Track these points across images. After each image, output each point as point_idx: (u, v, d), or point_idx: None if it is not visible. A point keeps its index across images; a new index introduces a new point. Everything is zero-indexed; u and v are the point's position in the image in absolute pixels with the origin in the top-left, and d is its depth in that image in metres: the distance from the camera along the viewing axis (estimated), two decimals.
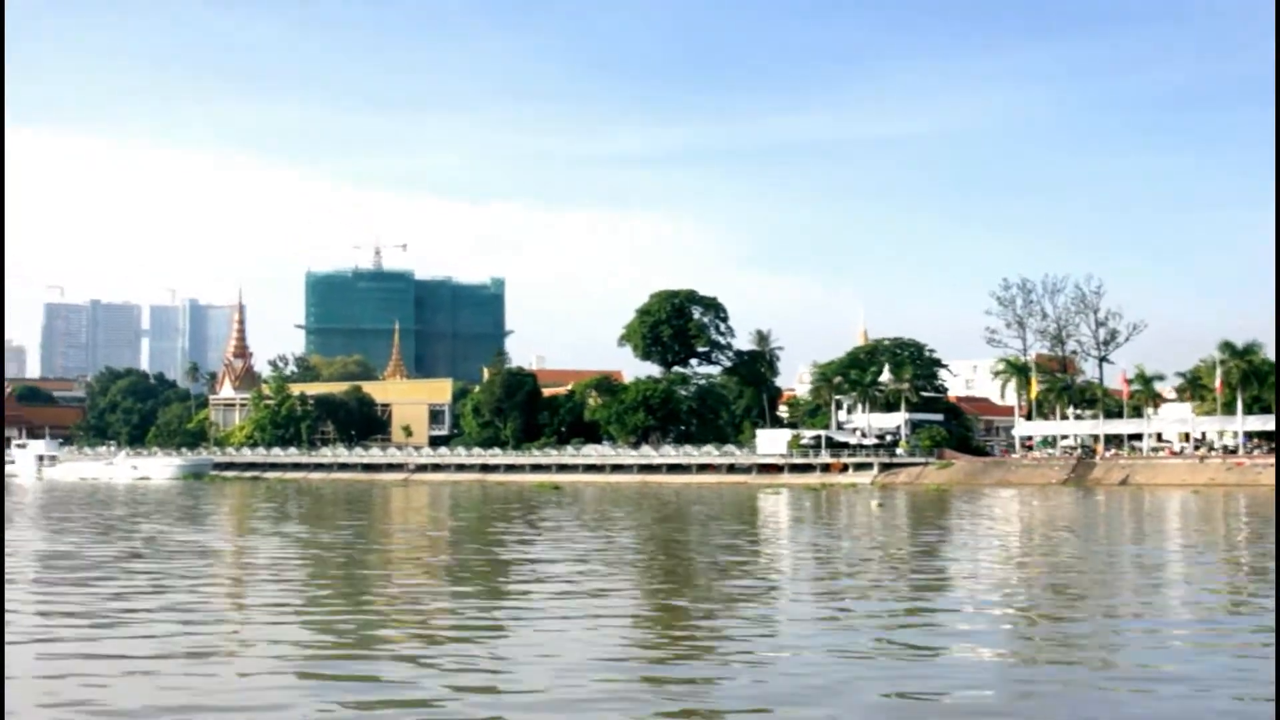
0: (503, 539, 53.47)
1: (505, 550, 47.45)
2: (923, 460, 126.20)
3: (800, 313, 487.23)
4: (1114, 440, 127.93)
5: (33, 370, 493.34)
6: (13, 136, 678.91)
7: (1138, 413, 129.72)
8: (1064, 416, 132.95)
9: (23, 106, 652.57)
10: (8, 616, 25.89)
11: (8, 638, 23.16)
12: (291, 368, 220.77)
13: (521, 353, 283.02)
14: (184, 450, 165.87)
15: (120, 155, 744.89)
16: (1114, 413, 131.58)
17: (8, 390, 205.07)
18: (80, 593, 32.67)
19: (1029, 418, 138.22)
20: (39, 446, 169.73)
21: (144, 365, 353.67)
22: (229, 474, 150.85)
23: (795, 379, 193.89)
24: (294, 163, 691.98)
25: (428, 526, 64.52)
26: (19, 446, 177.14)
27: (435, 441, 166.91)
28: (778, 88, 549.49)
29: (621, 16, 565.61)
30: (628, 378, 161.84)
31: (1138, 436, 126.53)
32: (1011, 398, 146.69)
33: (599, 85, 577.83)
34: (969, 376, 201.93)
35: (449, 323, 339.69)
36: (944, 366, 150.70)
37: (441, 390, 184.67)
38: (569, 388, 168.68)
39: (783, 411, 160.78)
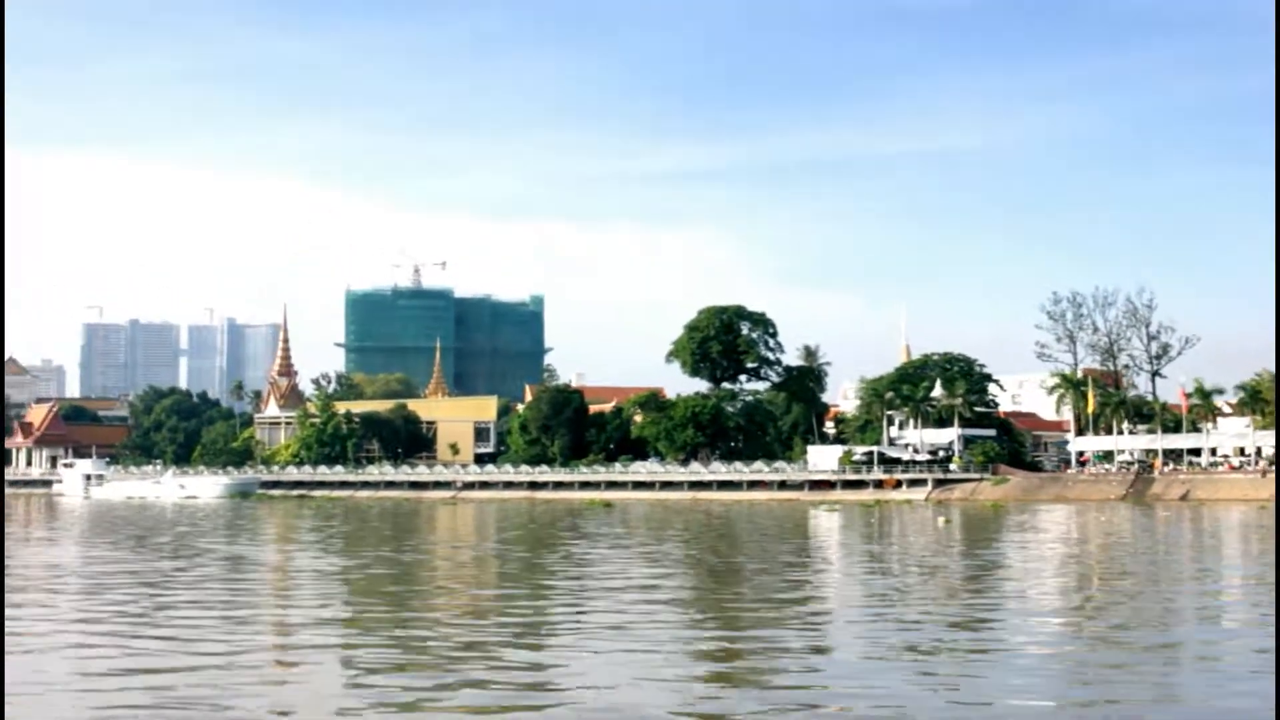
0: (575, 556, 52.60)
1: (577, 571, 46.60)
2: (977, 476, 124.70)
3: (839, 329, 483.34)
4: (1171, 455, 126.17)
5: (72, 389, 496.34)
6: (55, 159, 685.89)
7: (1194, 427, 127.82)
8: (1119, 431, 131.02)
9: (66, 129, 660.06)
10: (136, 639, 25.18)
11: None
12: (334, 386, 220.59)
13: (561, 370, 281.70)
14: (229, 469, 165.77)
15: (159, 176, 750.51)
16: (1170, 427, 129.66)
17: (53, 409, 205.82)
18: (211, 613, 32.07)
19: (1080, 433, 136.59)
20: (86, 466, 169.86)
21: (182, 384, 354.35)
22: (276, 493, 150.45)
23: (839, 395, 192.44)
24: (334, 183, 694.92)
25: (488, 548, 63.59)
26: (66, 466, 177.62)
27: (480, 459, 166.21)
28: (816, 103, 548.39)
29: (658, 36, 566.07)
30: (670, 394, 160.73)
31: (1195, 451, 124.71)
32: (1065, 412, 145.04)
33: (637, 104, 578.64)
34: (1014, 391, 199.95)
35: (488, 340, 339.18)
36: (994, 381, 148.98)
37: (486, 408, 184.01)
38: (612, 404, 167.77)
39: (829, 428, 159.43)
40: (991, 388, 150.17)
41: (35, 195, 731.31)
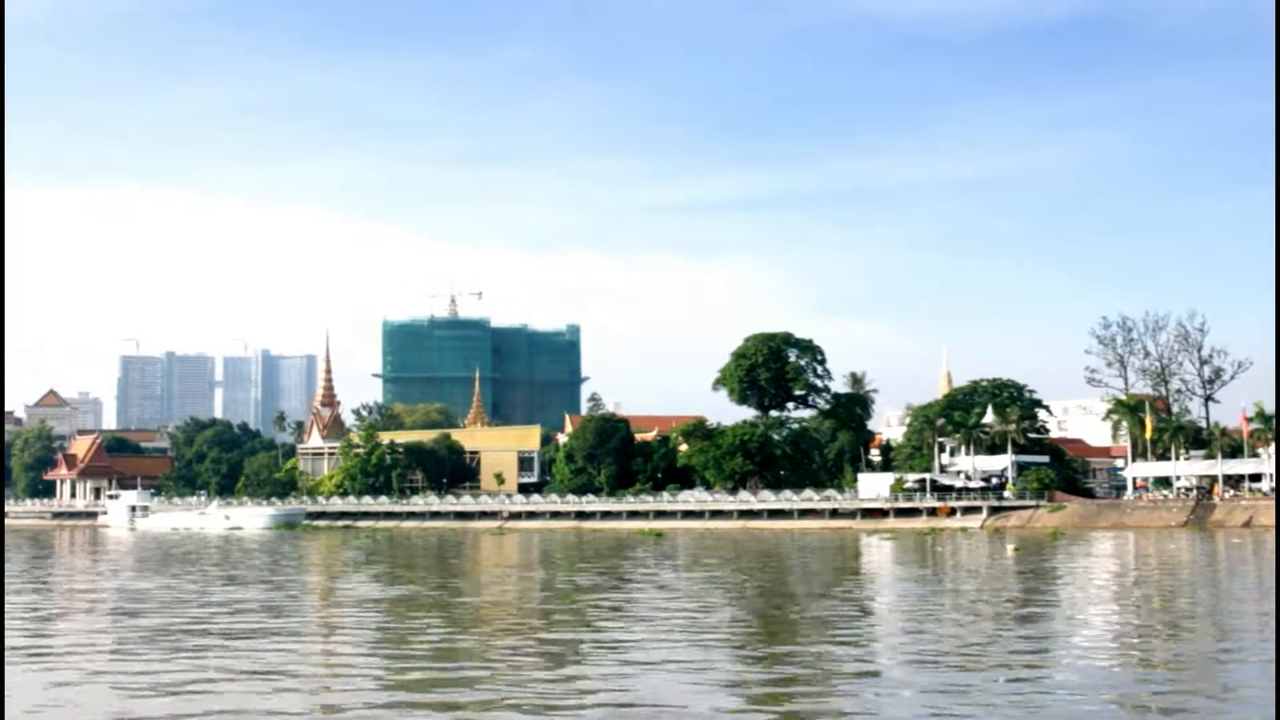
0: (658, 591, 51.61)
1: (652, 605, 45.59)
2: (1033, 503, 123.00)
3: (875, 357, 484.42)
4: (1230, 481, 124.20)
5: (109, 421, 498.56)
6: (93, 193, 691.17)
7: (1254, 452, 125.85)
8: (1177, 457, 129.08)
9: (105, 163, 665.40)
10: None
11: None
12: (374, 416, 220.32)
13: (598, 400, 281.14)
14: (274, 499, 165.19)
15: (196, 208, 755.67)
16: (1228, 452, 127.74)
17: (97, 441, 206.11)
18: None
19: (1129, 458, 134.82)
20: (131, 497, 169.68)
21: (217, 415, 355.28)
22: (321, 523, 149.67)
23: (881, 422, 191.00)
24: (370, 215, 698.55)
25: (564, 579, 62.51)
26: (111, 497, 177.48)
27: (524, 488, 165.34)
28: (853, 132, 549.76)
29: (695, 66, 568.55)
30: (710, 422, 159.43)
31: (1256, 477, 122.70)
32: (1117, 438, 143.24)
33: (673, 134, 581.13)
34: (1059, 418, 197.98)
35: (525, 370, 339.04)
36: (1044, 407, 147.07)
37: (530, 437, 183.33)
38: (654, 433, 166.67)
39: (873, 455, 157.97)
40: (1041, 414, 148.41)
41: (74, 229, 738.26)
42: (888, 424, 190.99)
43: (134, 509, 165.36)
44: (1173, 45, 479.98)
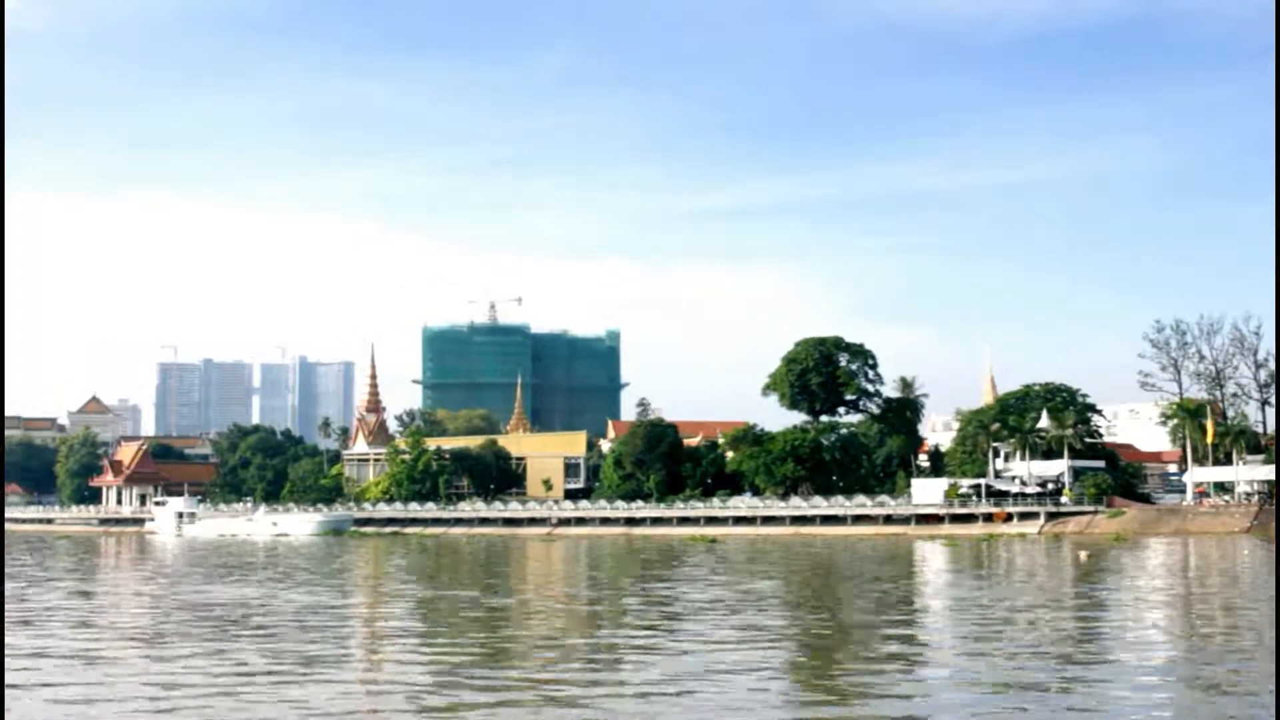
0: (727, 598, 50.59)
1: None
2: (1091, 509, 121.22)
3: (914, 362, 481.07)
4: None
5: (147, 428, 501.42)
6: (131, 201, 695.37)
7: None
8: (1238, 461, 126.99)
9: (142, 171, 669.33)
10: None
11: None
12: (418, 422, 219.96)
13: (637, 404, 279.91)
14: (319, 506, 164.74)
15: (235, 216, 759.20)
16: None
17: (143, 448, 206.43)
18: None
19: (1188, 463, 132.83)
20: (178, 504, 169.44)
21: (255, 422, 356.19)
22: (368, 530, 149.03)
23: (927, 428, 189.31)
24: (408, 222, 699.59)
25: (634, 589, 61.52)
26: (157, 504, 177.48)
27: (570, 494, 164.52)
28: (889, 139, 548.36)
29: (731, 74, 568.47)
30: (755, 428, 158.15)
31: None
32: (1156, 441, 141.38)
33: (709, 142, 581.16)
34: (1108, 423, 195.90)
35: (565, 376, 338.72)
36: (1098, 412, 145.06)
37: (576, 443, 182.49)
38: (699, 438, 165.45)
39: (921, 460, 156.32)
40: (1095, 418, 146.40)
41: (112, 237, 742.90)
42: (933, 429, 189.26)
43: (181, 515, 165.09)
44: (1208, 50, 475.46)
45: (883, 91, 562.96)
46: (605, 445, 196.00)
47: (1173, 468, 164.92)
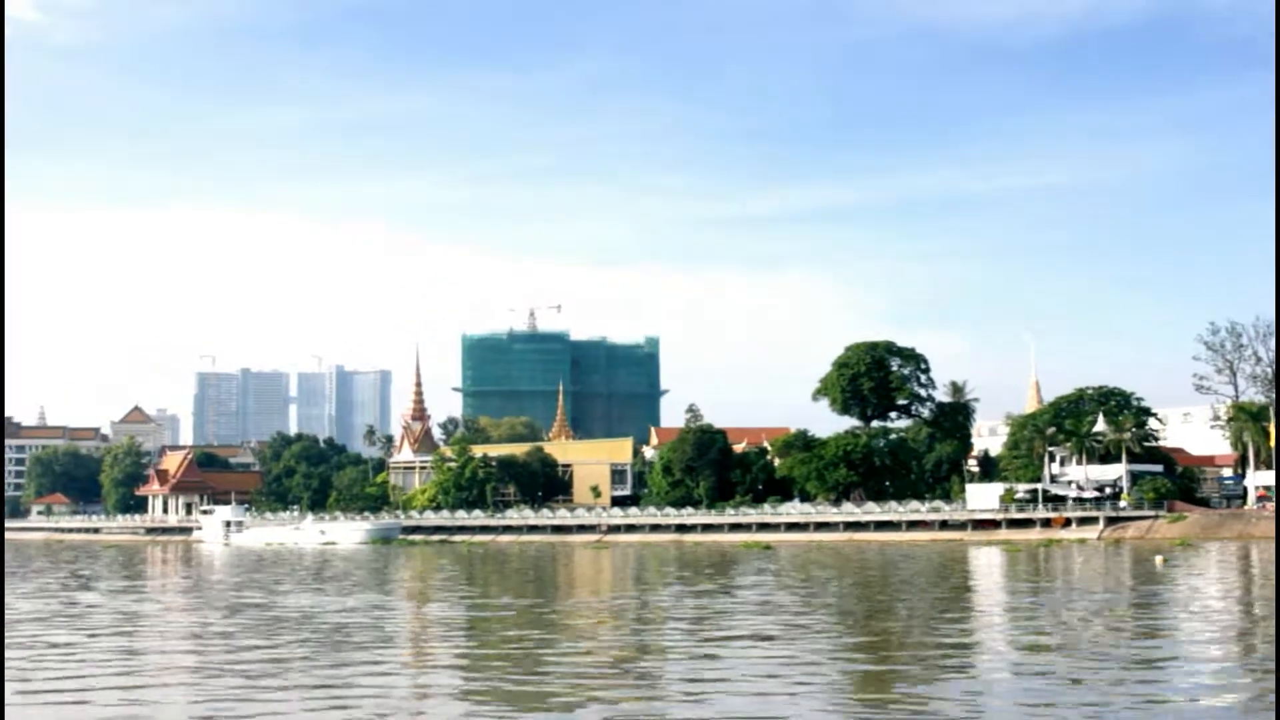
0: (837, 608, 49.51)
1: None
2: (1151, 514, 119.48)
3: (948, 368, 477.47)
4: None
5: (185, 437, 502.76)
6: (172, 212, 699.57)
7: None
8: None
9: (181, 183, 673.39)
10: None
11: None
12: (461, 429, 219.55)
13: (678, 412, 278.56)
14: (366, 514, 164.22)
15: (271, 227, 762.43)
16: None
17: (188, 456, 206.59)
18: None
19: (1249, 467, 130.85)
20: (225, 512, 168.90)
21: (292, 430, 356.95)
22: (416, 538, 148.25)
23: (973, 432, 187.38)
24: (444, 232, 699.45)
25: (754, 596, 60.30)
26: (204, 513, 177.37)
27: (616, 501, 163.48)
28: (922, 144, 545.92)
29: (764, 80, 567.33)
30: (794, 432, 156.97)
31: None
32: (1206, 445, 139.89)
33: (743, 149, 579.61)
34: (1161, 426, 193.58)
35: (604, 383, 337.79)
36: (1153, 415, 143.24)
37: (621, 450, 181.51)
38: (742, 445, 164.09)
39: (969, 465, 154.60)
40: (1151, 422, 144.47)
41: (152, 248, 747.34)
42: (978, 434, 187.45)
43: (229, 524, 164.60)
44: (1240, 50, 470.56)
45: (915, 96, 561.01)
46: (648, 452, 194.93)
47: (1226, 471, 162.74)
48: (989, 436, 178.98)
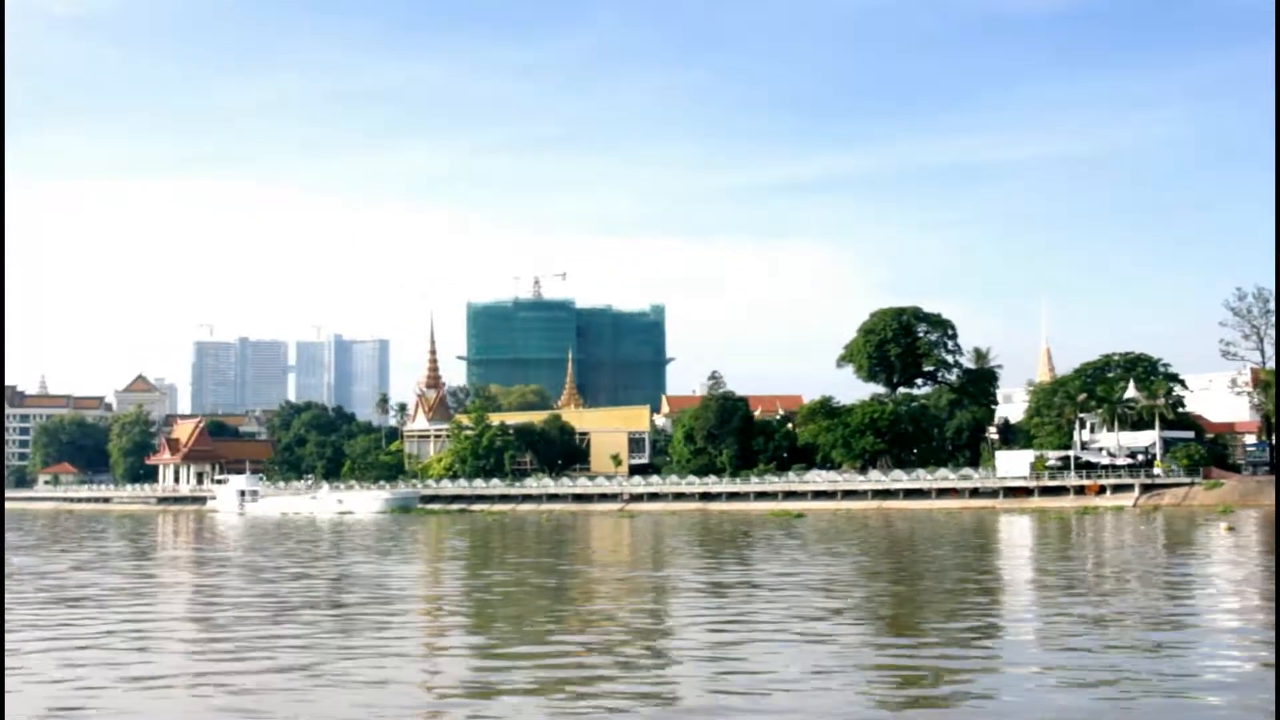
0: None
1: None
2: (1187, 480, 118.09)
3: (960, 335, 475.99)
4: None
5: (183, 406, 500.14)
6: (170, 182, 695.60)
7: None
8: None
9: (179, 153, 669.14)
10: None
11: None
12: (471, 398, 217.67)
13: (684, 380, 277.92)
14: (382, 483, 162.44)
15: (272, 197, 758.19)
16: None
17: (200, 425, 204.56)
18: None
19: (1263, 432, 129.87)
20: (240, 482, 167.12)
21: (290, 399, 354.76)
22: (434, 506, 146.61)
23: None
24: (449, 201, 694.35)
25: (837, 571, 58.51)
26: (218, 482, 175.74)
27: (634, 469, 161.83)
28: (930, 113, 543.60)
29: (773, 49, 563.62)
30: (809, 399, 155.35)
31: None
32: (1227, 412, 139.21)
33: (750, 118, 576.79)
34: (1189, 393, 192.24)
35: (610, 351, 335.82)
36: (1180, 382, 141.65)
37: (639, 418, 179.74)
38: (757, 412, 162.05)
39: (990, 432, 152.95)
40: (1177, 388, 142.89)
41: (150, 218, 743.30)
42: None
43: (243, 494, 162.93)
44: (1262, 13, 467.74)
45: (926, 65, 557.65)
46: (659, 420, 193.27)
47: (1249, 438, 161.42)
48: (1004, 404, 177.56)
